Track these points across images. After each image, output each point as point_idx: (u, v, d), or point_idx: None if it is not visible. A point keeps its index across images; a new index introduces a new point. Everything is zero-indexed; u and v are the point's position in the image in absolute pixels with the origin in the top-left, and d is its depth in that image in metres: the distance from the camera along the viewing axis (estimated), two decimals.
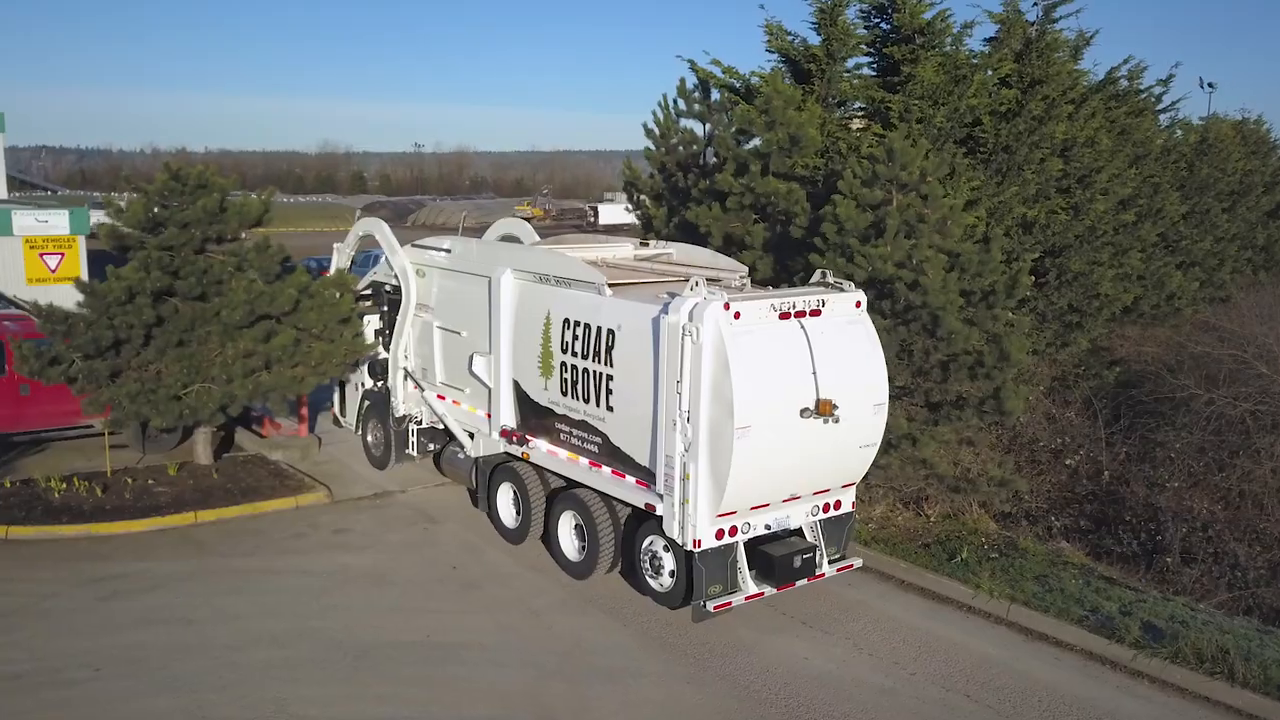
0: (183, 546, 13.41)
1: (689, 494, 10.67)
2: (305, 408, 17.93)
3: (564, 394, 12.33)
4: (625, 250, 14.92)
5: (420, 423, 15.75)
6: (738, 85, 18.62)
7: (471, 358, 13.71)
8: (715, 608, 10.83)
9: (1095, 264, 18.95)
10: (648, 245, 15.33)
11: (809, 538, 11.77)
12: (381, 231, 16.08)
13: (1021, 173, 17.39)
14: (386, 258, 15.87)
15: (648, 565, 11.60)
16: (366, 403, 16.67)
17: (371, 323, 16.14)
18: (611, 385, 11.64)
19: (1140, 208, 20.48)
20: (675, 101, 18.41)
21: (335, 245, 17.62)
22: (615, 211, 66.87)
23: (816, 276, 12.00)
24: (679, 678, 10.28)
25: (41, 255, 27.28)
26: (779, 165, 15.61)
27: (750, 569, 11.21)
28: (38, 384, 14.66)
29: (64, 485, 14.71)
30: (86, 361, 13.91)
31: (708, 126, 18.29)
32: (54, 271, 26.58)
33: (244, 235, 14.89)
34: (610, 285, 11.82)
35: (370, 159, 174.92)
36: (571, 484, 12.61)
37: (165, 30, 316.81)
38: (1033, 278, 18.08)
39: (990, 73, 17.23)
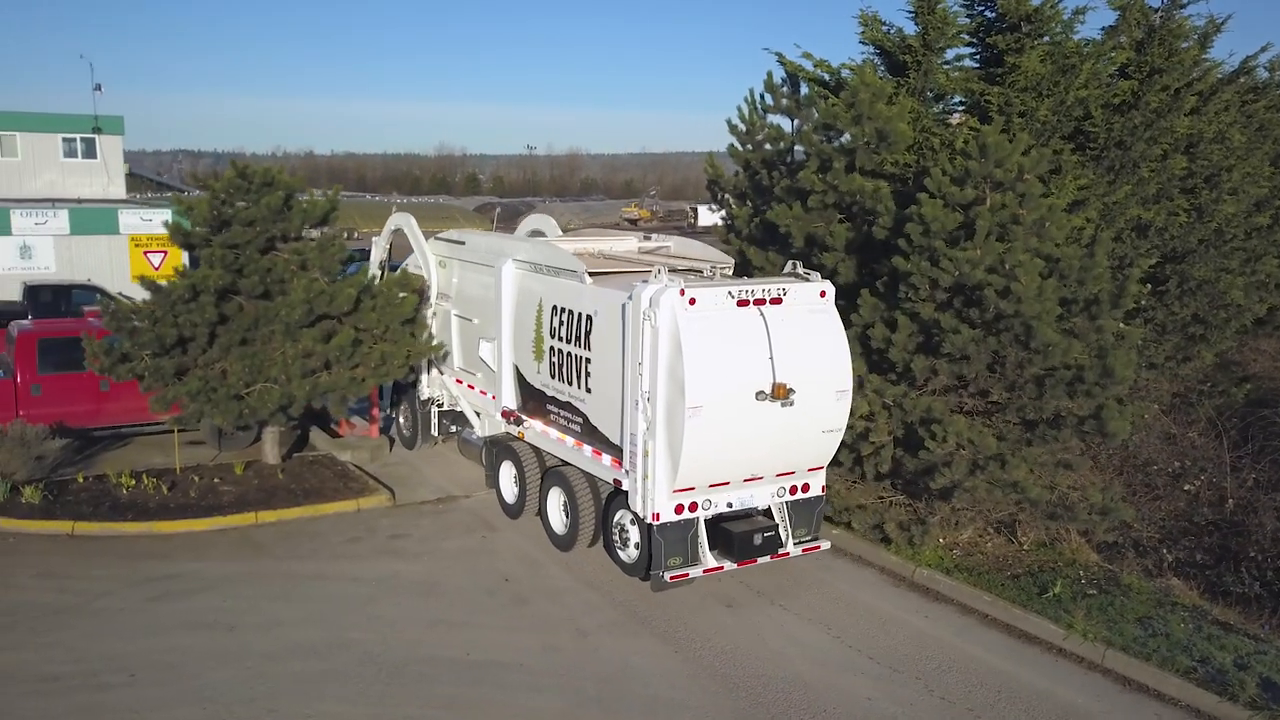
0: (240, 547, 13.24)
1: (648, 470, 11.24)
2: (376, 408, 17.73)
3: (553, 377, 13.00)
4: (630, 244, 15.57)
5: (441, 405, 16.60)
6: (828, 79, 17.64)
7: (479, 343, 14.60)
8: (672, 578, 11.36)
9: (1224, 271, 17.32)
10: (650, 239, 15.91)
11: (777, 519, 12.14)
12: (409, 226, 16.64)
13: (1137, 170, 15.96)
14: (414, 250, 16.59)
15: (617, 538, 12.26)
16: (398, 386, 17.46)
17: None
18: (590, 368, 12.24)
19: (1278, 210, 18.70)
20: (762, 96, 17.54)
21: (373, 239, 17.95)
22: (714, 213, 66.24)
23: (788, 267, 12.40)
24: (726, 713, 9.49)
25: (146, 253, 28.07)
26: (866, 162, 14.61)
27: (715, 546, 11.76)
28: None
29: (133, 482, 14.77)
30: (154, 359, 13.90)
31: (795, 122, 17.37)
32: (157, 269, 27.26)
33: (310, 232, 14.70)
34: (590, 274, 12.40)
35: (485, 161, 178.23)
36: (563, 462, 13.21)
37: (294, 40, 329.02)
38: (1148, 286, 16.62)
39: (1103, 62, 15.83)
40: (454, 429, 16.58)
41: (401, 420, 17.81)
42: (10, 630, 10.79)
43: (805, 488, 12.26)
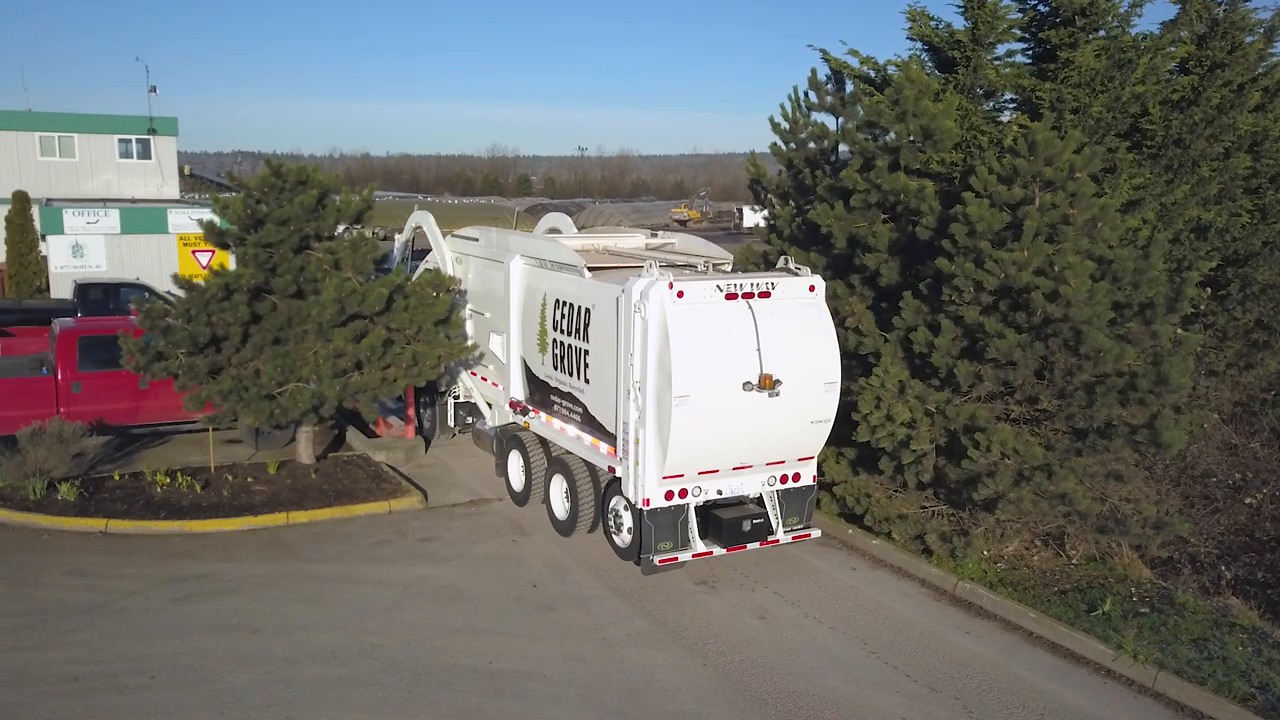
0: (269, 548, 13.15)
1: (639, 457, 11.62)
2: (412, 408, 17.62)
3: (555, 368, 13.38)
4: (637, 241, 15.86)
5: (458, 397, 17.06)
6: (874, 75, 17.19)
7: (490, 336, 15.03)
8: (661, 561, 11.74)
9: None
10: (656, 236, 16.26)
11: (769, 507, 12.38)
12: (428, 224, 16.99)
13: (1197, 169, 15.29)
14: (433, 247, 16.93)
15: (611, 523, 12.61)
16: None
17: None
18: (588, 359, 12.61)
19: None
20: (806, 94, 17.12)
21: (396, 237, 18.07)
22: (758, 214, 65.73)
23: (780, 262, 12.64)
24: None
25: (194, 252, 28.34)
26: (911, 160, 14.16)
27: (706, 532, 12.11)
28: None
29: (167, 480, 14.78)
30: (188, 358, 13.87)
31: (840, 120, 16.93)
32: (205, 268, 27.53)
33: (342, 231, 14.59)
34: (589, 268, 12.77)
35: (538, 163, 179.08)
36: (566, 452, 13.57)
37: (353, 44, 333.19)
38: (1208, 290, 15.94)
39: (1162, 57, 15.19)
40: (470, 420, 17.02)
41: (423, 413, 18.09)
42: (37, 628, 10.77)
43: (796, 477, 12.52)
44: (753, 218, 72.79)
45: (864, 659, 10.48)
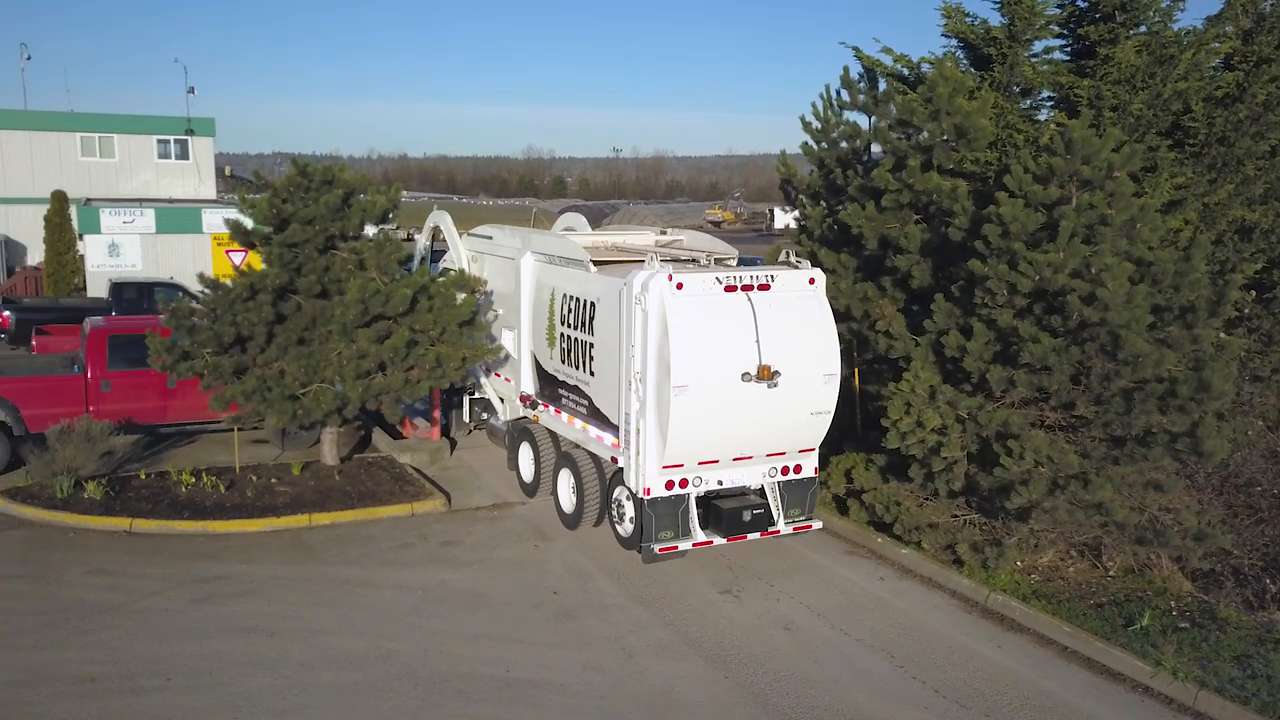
0: (291, 550, 13.08)
1: (640, 447, 11.77)
2: (438, 410, 17.52)
3: (563, 362, 13.52)
4: (648, 238, 15.99)
5: (473, 393, 17.13)
6: (907, 73, 16.86)
7: (503, 332, 15.14)
8: (661, 549, 11.87)
9: None
10: (666, 233, 16.35)
11: (770, 499, 12.45)
12: (445, 223, 17.18)
13: (1242, 168, 14.81)
14: (450, 247, 17.14)
15: (615, 513, 12.77)
16: None
17: None
18: (593, 352, 12.73)
19: None
20: (838, 92, 16.80)
21: (415, 237, 18.10)
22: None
23: (782, 256, 12.82)
24: None
25: (228, 252, 28.44)
26: (944, 160, 13.83)
27: (707, 522, 12.23)
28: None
29: (192, 480, 14.76)
30: (213, 357, 13.85)
31: (872, 119, 16.61)
32: (237, 268, 27.68)
33: (376, 231, 14.50)
34: (595, 263, 12.93)
35: (573, 164, 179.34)
36: (574, 445, 13.67)
37: (390, 45, 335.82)
38: (1252, 293, 15.44)
39: (1205, 52, 14.72)
40: (484, 416, 17.16)
41: (449, 413, 18.13)
42: (57, 627, 10.75)
43: (798, 469, 12.61)
44: (784, 218, 72.28)
45: (891, 673, 10.19)
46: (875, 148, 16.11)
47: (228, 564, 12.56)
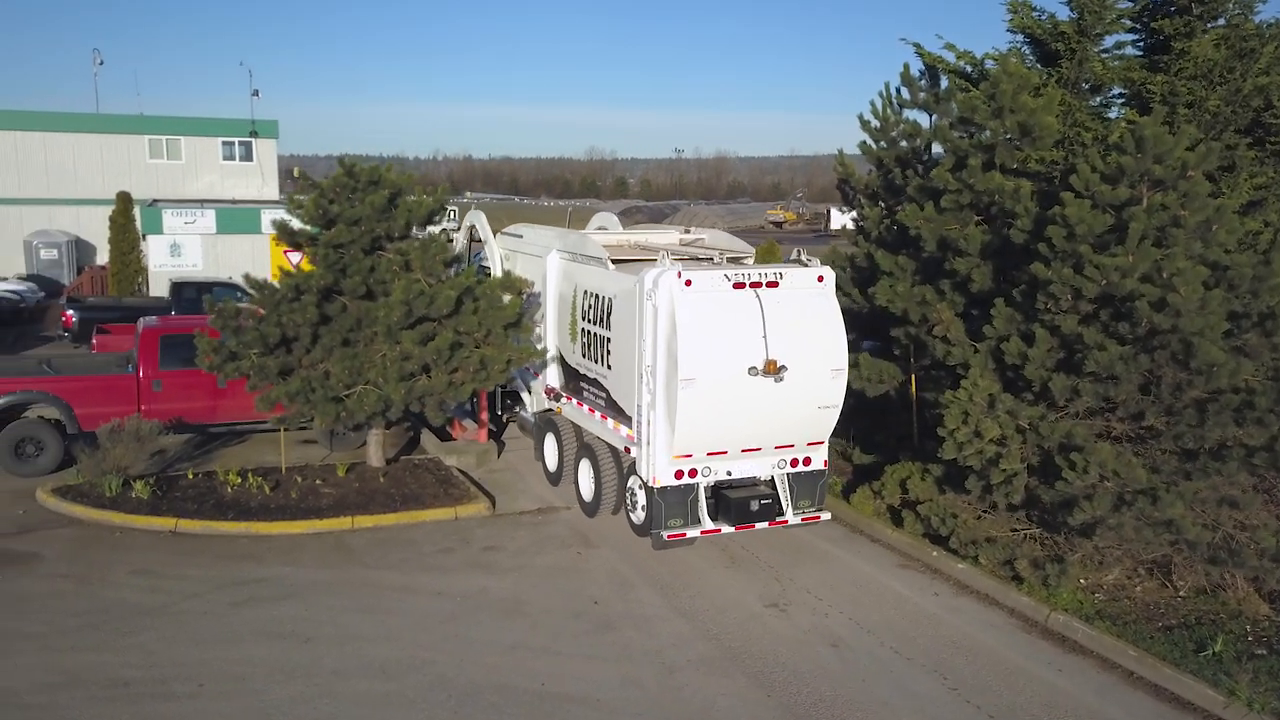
0: (332, 553, 12.97)
1: (650, 437, 12.17)
2: (485, 412, 17.35)
3: (584, 356, 13.88)
4: (671, 237, 16.11)
5: (505, 386, 17.07)
6: (970, 70, 16.30)
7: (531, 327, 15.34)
8: (670, 536, 12.26)
9: None
10: (689, 232, 16.47)
11: (779, 490, 12.73)
12: (480, 223, 17.46)
13: None
14: (485, 245, 17.43)
15: (629, 501, 13.16)
16: None
17: None
18: (610, 346, 13.08)
19: None
20: (898, 90, 16.27)
21: (454, 236, 18.04)
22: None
23: (794, 254, 13.11)
24: None
25: (285, 252, 28.69)
26: (1007, 159, 13.29)
27: (717, 512, 12.57)
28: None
29: (238, 480, 14.75)
30: (260, 358, 13.80)
31: (933, 117, 16.05)
32: (295, 267, 27.91)
33: (415, 232, 14.36)
34: (613, 260, 13.25)
35: (635, 165, 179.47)
36: (595, 436, 14.00)
37: (455, 47, 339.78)
38: None
39: None
40: (517, 409, 17.46)
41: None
42: (97, 629, 10.73)
43: (807, 461, 12.85)
44: (841, 219, 71.23)
45: (943, 696, 9.70)
46: (936, 147, 15.57)
47: (269, 566, 12.48)
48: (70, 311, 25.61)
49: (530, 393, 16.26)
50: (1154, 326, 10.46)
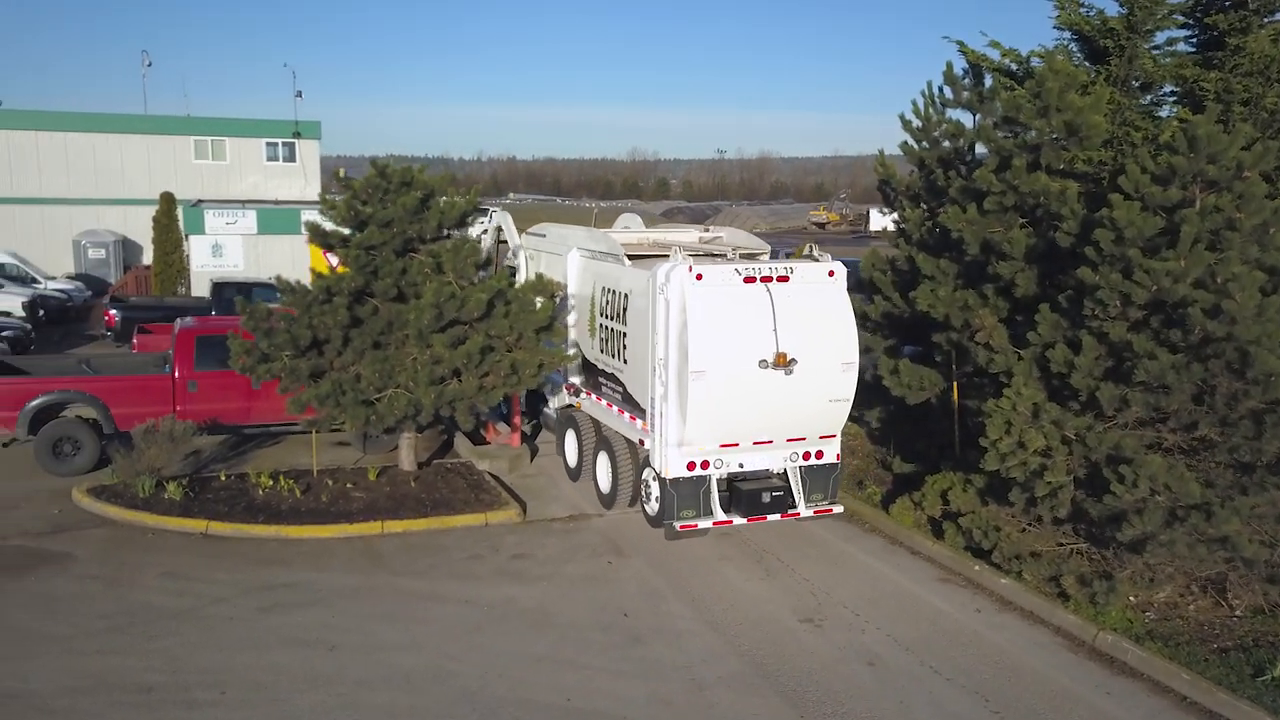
0: (360, 559, 12.85)
1: (662, 429, 12.50)
2: (518, 416, 17.17)
3: (602, 351, 14.20)
4: (691, 235, 16.38)
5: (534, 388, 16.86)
6: (1015, 69, 15.85)
7: None
8: (682, 527, 12.56)
9: None
10: (708, 230, 16.79)
11: (792, 483, 12.98)
12: (507, 224, 17.76)
13: None
14: (510, 246, 17.78)
15: (644, 493, 13.45)
16: None
17: None
18: (626, 341, 13.39)
19: None
20: (940, 89, 15.85)
21: (480, 237, 18.10)
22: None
23: (807, 250, 13.35)
24: None
25: (325, 253, 28.81)
26: (1053, 159, 12.85)
27: (729, 504, 12.80)
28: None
29: (270, 483, 14.70)
30: (291, 360, 13.72)
31: (977, 117, 15.62)
32: (334, 268, 28.00)
33: (448, 234, 14.20)
34: (630, 257, 13.59)
35: (677, 166, 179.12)
36: (613, 430, 14.25)
37: (498, 49, 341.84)
38: None
39: None
40: (543, 408, 17.62)
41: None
42: (122, 633, 10.68)
43: (819, 455, 13.10)
44: (880, 220, 70.29)
45: (985, 719, 9.33)
46: (979, 147, 15.15)
47: (297, 571, 12.38)
48: (113, 311, 25.88)
49: (553, 391, 16.56)
50: (1208, 334, 10.00)
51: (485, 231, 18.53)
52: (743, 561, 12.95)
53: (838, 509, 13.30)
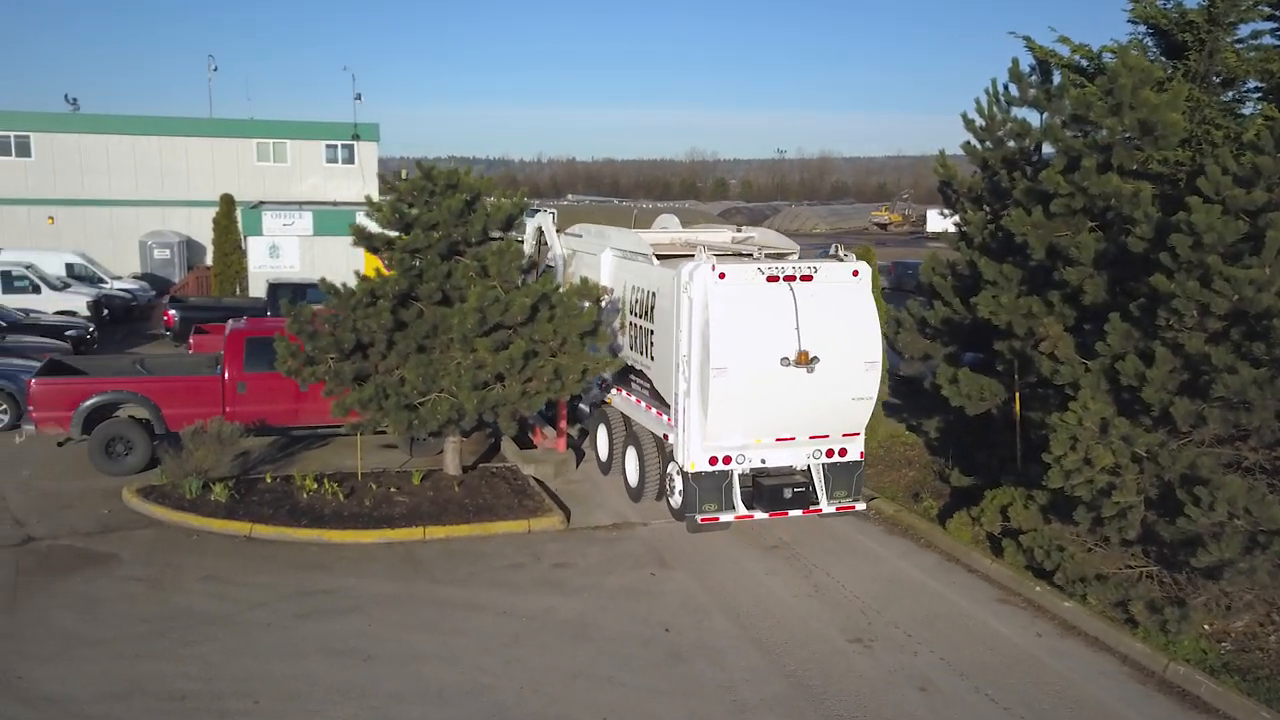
0: (400, 565, 12.65)
1: (686, 424, 12.75)
2: (564, 420, 16.90)
3: (631, 348, 14.51)
4: (724, 236, 16.34)
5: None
6: (1086, 65, 15.19)
7: None
8: (703, 519, 12.79)
9: None
10: (741, 230, 16.79)
11: (815, 479, 13.13)
12: (546, 225, 17.61)
13: None
14: (551, 248, 17.74)
15: (668, 486, 13.66)
16: None
17: None
18: (653, 338, 13.67)
19: None
20: (1005, 87, 15.22)
21: (521, 238, 17.98)
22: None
23: (832, 249, 13.50)
24: None
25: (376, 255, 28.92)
26: (1125, 160, 12.22)
27: (753, 499, 13.03)
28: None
29: (314, 486, 14.59)
30: (336, 363, 13.59)
31: (1044, 116, 14.95)
32: (388, 269, 28.05)
33: (496, 237, 13.97)
34: (658, 256, 13.86)
35: (736, 166, 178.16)
36: (641, 425, 14.48)
37: (558, 52, 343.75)
38: None
39: None
40: (580, 406, 17.62)
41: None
42: (161, 637, 10.59)
43: (843, 452, 13.25)
44: (939, 222, 68.90)
45: None
46: (1046, 147, 14.53)
47: (337, 576, 12.22)
48: (172, 311, 26.19)
49: (586, 387, 16.55)
50: None
51: (530, 233, 18.38)
52: (790, 576, 12.50)
53: (860, 506, 13.42)
